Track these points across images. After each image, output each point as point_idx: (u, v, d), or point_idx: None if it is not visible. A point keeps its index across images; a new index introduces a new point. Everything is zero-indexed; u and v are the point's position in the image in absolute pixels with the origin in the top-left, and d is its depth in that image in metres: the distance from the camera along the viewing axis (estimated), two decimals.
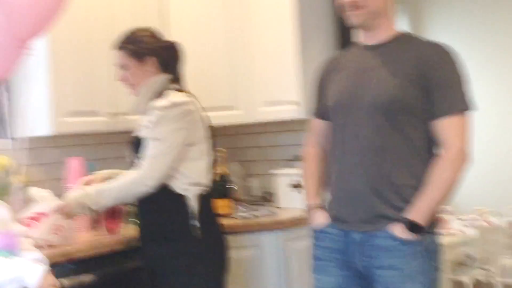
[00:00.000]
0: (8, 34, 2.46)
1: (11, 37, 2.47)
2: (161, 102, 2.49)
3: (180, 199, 2.51)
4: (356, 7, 2.14)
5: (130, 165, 2.60)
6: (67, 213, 2.51)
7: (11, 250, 1.97)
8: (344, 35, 3.54)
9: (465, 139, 2.08)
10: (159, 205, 2.54)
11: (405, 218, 2.06)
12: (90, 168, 3.07)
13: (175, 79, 2.63)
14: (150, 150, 2.47)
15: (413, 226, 2.05)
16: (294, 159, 3.54)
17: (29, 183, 2.83)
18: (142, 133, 2.55)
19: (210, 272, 2.55)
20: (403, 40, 2.18)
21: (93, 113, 3.06)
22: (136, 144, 2.56)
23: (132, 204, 2.79)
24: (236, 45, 3.43)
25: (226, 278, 2.66)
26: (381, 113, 2.10)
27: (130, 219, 2.91)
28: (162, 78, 2.60)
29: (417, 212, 2.06)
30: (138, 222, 2.66)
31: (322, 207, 2.26)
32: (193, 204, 2.52)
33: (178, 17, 3.44)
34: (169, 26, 3.41)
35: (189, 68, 3.40)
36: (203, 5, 3.46)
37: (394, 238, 2.06)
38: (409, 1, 6.06)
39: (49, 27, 2.56)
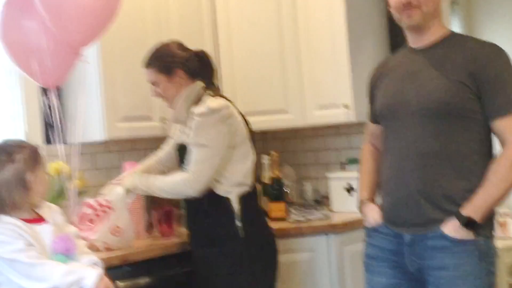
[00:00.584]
0: (61, 42, 2.50)
1: (64, 44, 2.52)
2: (199, 109, 2.54)
3: (224, 201, 2.54)
4: (411, 7, 2.10)
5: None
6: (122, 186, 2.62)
7: (68, 254, 1.99)
8: (395, 37, 3.50)
9: None
10: (204, 208, 2.58)
11: (460, 214, 2.01)
12: None
13: (208, 85, 2.66)
14: (196, 155, 2.52)
15: (468, 223, 2.00)
16: (347, 163, 3.50)
17: (83, 188, 2.87)
18: (182, 139, 2.61)
19: (257, 272, 2.54)
20: (452, 41, 2.14)
21: (145, 118, 3.09)
22: (182, 151, 2.61)
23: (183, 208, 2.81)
24: (288, 49, 3.41)
25: (276, 278, 2.65)
26: (429, 117, 2.07)
27: (184, 223, 2.92)
28: (196, 86, 2.64)
29: (473, 208, 2.01)
30: (187, 226, 2.69)
31: (374, 201, 2.25)
32: (237, 205, 2.53)
33: (228, 21, 3.45)
34: (219, 31, 3.43)
35: (241, 72, 3.44)
36: (254, 9, 3.46)
37: (446, 239, 2.02)
38: (461, 2, 5.94)
39: (101, 34, 2.59)
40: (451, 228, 2.01)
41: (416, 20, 2.12)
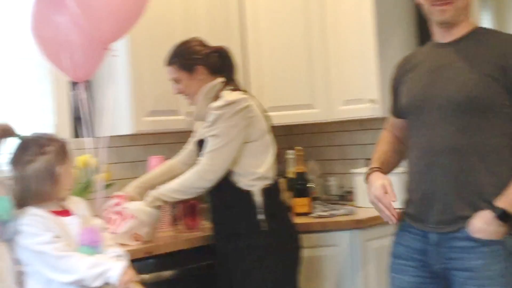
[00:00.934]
0: (90, 36, 2.54)
1: (94, 39, 2.55)
2: (217, 103, 2.56)
3: (246, 194, 2.56)
4: (445, 2, 2.07)
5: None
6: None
7: (94, 246, 2.02)
8: (424, 31, 3.45)
9: None
10: (227, 202, 2.60)
11: (495, 206, 1.96)
12: None
13: (229, 81, 2.68)
14: (208, 146, 2.55)
15: (502, 215, 1.95)
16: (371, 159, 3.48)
17: (109, 181, 2.90)
18: (202, 133, 2.63)
19: (280, 265, 2.56)
20: (480, 35, 2.10)
21: (172, 113, 3.11)
22: (201, 144, 2.64)
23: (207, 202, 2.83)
24: (315, 44, 3.40)
25: (298, 273, 2.65)
26: (458, 111, 2.03)
27: (208, 216, 2.94)
28: (216, 82, 2.65)
29: (509, 201, 1.95)
30: (211, 219, 2.72)
31: (382, 170, 2.21)
32: (259, 198, 2.54)
33: (256, 16, 3.45)
34: (247, 26, 3.43)
35: (268, 67, 3.44)
36: (281, 4, 3.45)
37: (473, 239, 1.99)
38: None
39: (130, 29, 2.62)
40: (482, 220, 1.97)
41: (449, 16, 2.09)
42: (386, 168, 2.24)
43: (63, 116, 3.07)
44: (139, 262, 2.37)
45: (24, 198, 1.99)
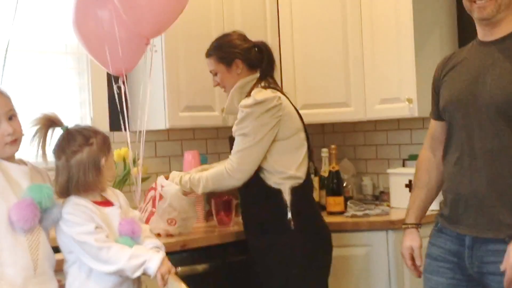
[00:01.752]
0: (132, 31, 2.57)
1: (135, 33, 2.58)
2: (246, 101, 2.56)
3: (275, 192, 2.55)
4: None
5: None
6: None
7: (134, 236, 2.05)
8: (464, 30, 3.41)
9: None
10: (256, 199, 2.60)
11: None
12: (204, 161, 3.14)
13: (264, 77, 2.67)
14: (237, 145, 2.55)
15: None
16: (409, 159, 3.45)
17: (144, 174, 2.93)
18: (233, 130, 2.62)
19: (308, 265, 2.54)
20: None
21: (207, 108, 3.13)
22: (232, 141, 2.64)
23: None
24: (351, 41, 3.38)
25: (327, 273, 2.64)
26: (499, 113, 1.98)
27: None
28: (250, 78, 2.66)
29: None
30: (242, 215, 2.72)
31: (417, 227, 2.26)
32: (288, 197, 2.54)
33: (291, 13, 3.44)
34: (280, 24, 3.43)
35: (303, 64, 3.43)
36: (317, 2, 3.44)
37: (508, 242, 1.94)
38: None
39: (171, 24, 2.64)
40: None
41: (489, 13, 2.02)
42: (423, 216, 2.29)
43: (100, 110, 3.11)
44: (173, 255, 2.38)
45: (68, 188, 2.02)
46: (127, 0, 2.48)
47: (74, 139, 2.02)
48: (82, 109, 3.11)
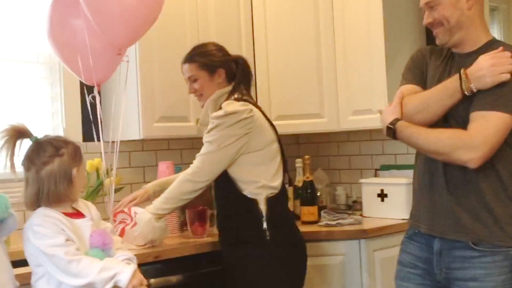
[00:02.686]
0: (104, 41, 2.56)
1: (108, 44, 2.57)
2: (217, 112, 2.58)
3: (251, 203, 2.55)
4: (434, 26, 2.12)
5: None
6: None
7: (105, 248, 2.03)
8: (432, 43, 3.47)
9: (481, 136, 1.95)
10: (232, 209, 2.61)
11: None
12: (178, 172, 3.14)
13: (237, 89, 2.68)
14: (201, 151, 2.58)
15: None
16: (381, 169, 3.49)
17: (118, 185, 2.92)
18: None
19: (283, 276, 2.55)
20: (485, 50, 2.08)
21: (182, 119, 3.13)
22: None
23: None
24: (324, 53, 3.42)
25: (303, 283, 2.65)
26: (460, 123, 2.03)
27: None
28: (224, 90, 2.67)
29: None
30: (217, 226, 2.72)
31: None
32: (264, 207, 2.55)
33: (264, 25, 3.46)
34: (254, 35, 3.45)
35: (276, 75, 3.45)
36: (291, 13, 3.47)
37: (475, 249, 2.00)
38: (501, 8, 5.85)
39: (143, 34, 2.64)
40: None
41: (442, 40, 2.12)
42: None
43: (73, 120, 3.09)
44: (146, 266, 2.38)
45: (38, 199, 2.00)
46: (98, 11, 2.47)
47: (44, 150, 2.01)
48: (54, 119, 3.09)
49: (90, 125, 2.79)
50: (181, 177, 2.59)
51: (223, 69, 2.68)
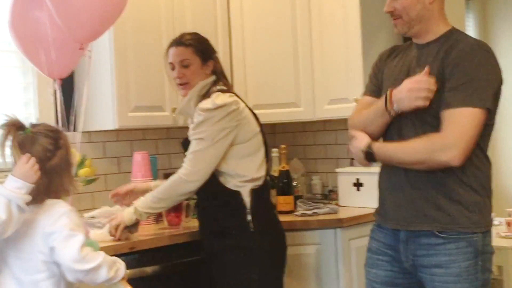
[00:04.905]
0: (66, 35, 2.50)
1: (70, 38, 2.52)
2: (205, 104, 2.53)
3: (234, 195, 2.55)
4: (394, 16, 2.15)
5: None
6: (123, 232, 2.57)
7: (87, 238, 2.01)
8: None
9: (457, 134, 1.97)
10: (215, 201, 2.58)
11: None
12: (154, 162, 3.12)
13: (219, 79, 2.66)
14: (192, 148, 2.53)
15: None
16: None
17: (92, 175, 2.89)
18: (188, 134, 2.60)
19: (265, 266, 2.55)
20: (444, 39, 2.11)
21: (157, 108, 3.11)
22: (186, 145, 2.61)
23: (193, 199, 2.82)
24: (300, 42, 3.41)
25: (283, 272, 2.66)
26: (415, 113, 2.07)
27: (193, 213, 2.94)
28: (209, 80, 2.64)
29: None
30: (198, 217, 2.70)
31: None
32: (248, 199, 2.54)
33: (241, 14, 3.45)
34: (232, 23, 3.43)
35: (252, 65, 3.44)
36: (268, 2, 3.46)
37: (440, 237, 2.03)
38: (476, 0, 5.90)
39: (105, 30, 2.59)
40: None
41: (400, 30, 2.16)
42: None
43: (46, 110, 3.05)
44: (121, 257, 2.34)
45: (46, 193, 1.93)
46: (61, 5, 2.42)
47: (42, 143, 1.93)
48: (27, 109, 3.04)
49: (63, 115, 2.75)
50: (175, 178, 2.53)
51: (214, 60, 2.66)
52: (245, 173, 2.56)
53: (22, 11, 2.54)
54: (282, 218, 2.89)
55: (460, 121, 1.98)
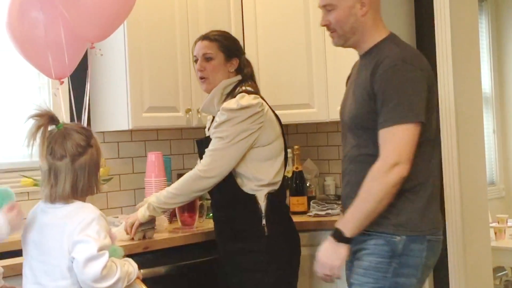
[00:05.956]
0: (74, 35, 2.48)
1: (78, 38, 2.51)
2: (229, 104, 2.53)
3: (250, 198, 2.54)
4: (330, 30, 2.21)
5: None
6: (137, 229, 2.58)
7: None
8: (421, 34, 3.48)
9: (397, 152, 2.02)
10: (230, 203, 2.58)
11: (335, 227, 2.10)
12: (167, 162, 3.13)
13: (246, 80, 2.65)
14: (211, 146, 2.53)
15: (336, 234, 2.09)
16: None
17: (107, 175, 2.91)
18: (210, 132, 2.59)
19: (279, 270, 2.55)
20: (376, 51, 2.15)
21: (171, 109, 3.12)
22: (205, 143, 2.61)
23: (207, 199, 2.83)
24: (314, 43, 3.40)
25: (296, 277, 2.67)
26: (349, 127, 2.20)
27: (207, 214, 2.95)
28: (234, 80, 2.63)
29: (343, 222, 2.09)
30: (214, 219, 2.70)
31: None
32: (263, 203, 2.53)
33: (254, 15, 3.45)
34: (244, 25, 3.43)
35: (266, 65, 3.44)
36: (281, 3, 3.46)
37: (366, 233, 2.09)
38: (489, 1, 5.87)
39: (116, 29, 2.58)
40: (329, 237, 2.12)
41: (336, 43, 2.24)
42: None
43: (60, 111, 3.06)
44: (135, 257, 2.36)
45: (74, 192, 1.89)
46: (72, 6, 2.40)
47: (75, 139, 1.89)
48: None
49: (80, 115, 2.77)
50: (191, 174, 2.53)
51: (239, 60, 2.65)
52: (263, 177, 2.55)
53: (19, 11, 2.47)
54: (295, 218, 2.89)
55: (396, 140, 2.03)
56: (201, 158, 2.64)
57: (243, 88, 2.60)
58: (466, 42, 3.49)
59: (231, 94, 2.58)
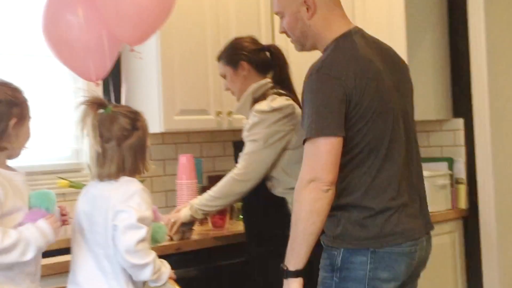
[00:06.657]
0: (114, 37, 2.53)
1: (116, 40, 2.55)
2: (261, 106, 2.54)
3: (279, 201, 2.54)
4: (288, 37, 2.16)
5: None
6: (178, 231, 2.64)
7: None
8: (455, 34, 3.45)
9: (310, 168, 1.91)
10: (260, 206, 2.59)
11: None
12: (198, 165, 3.16)
13: (277, 82, 2.65)
14: (245, 149, 2.54)
15: (284, 272, 2.03)
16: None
17: (141, 178, 2.93)
18: (243, 135, 2.61)
19: (306, 275, 2.53)
20: (332, 51, 2.05)
21: (202, 112, 3.15)
22: (240, 146, 2.62)
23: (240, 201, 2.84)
24: None
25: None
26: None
27: (238, 216, 2.96)
28: (263, 82, 2.63)
29: (286, 258, 2.02)
30: (244, 222, 2.71)
31: None
32: (291, 206, 2.52)
33: None
34: (275, 29, 3.43)
35: (296, 67, 3.43)
36: None
37: (321, 244, 2.03)
38: None
39: (154, 31, 2.61)
40: None
41: (298, 49, 2.17)
42: None
43: None
44: (167, 258, 2.38)
45: (119, 172, 1.99)
46: (113, 8, 2.44)
47: (121, 123, 1.98)
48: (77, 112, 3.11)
49: None
50: (228, 178, 2.56)
51: (246, 61, 2.65)
52: (293, 180, 2.53)
53: (54, 15, 2.52)
54: None
55: (308, 155, 1.93)
56: (236, 161, 2.66)
57: (274, 90, 2.61)
58: (501, 39, 3.45)
59: (262, 97, 2.59)
